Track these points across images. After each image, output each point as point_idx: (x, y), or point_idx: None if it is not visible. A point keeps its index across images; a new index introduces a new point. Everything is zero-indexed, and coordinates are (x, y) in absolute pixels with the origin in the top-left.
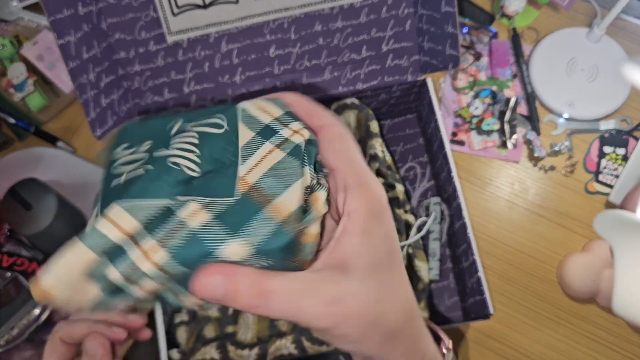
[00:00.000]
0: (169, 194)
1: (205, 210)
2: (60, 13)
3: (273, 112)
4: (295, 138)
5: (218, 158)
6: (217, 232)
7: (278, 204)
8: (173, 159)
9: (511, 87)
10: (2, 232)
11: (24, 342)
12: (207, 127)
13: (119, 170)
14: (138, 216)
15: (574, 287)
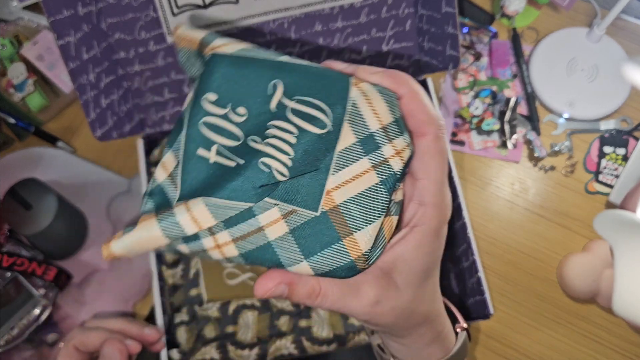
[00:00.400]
0: (255, 197)
1: (284, 221)
2: (60, 13)
3: (383, 116)
4: (395, 162)
5: (312, 161)
6: (291, 250)
7: (357, 240)
8: (266, 159)
9: (511, 87)
10: (2, 232)
11: (23, 342)
12: (309, 125)
13: (208, 135)
14: (220, 216)
15: (574, 287)
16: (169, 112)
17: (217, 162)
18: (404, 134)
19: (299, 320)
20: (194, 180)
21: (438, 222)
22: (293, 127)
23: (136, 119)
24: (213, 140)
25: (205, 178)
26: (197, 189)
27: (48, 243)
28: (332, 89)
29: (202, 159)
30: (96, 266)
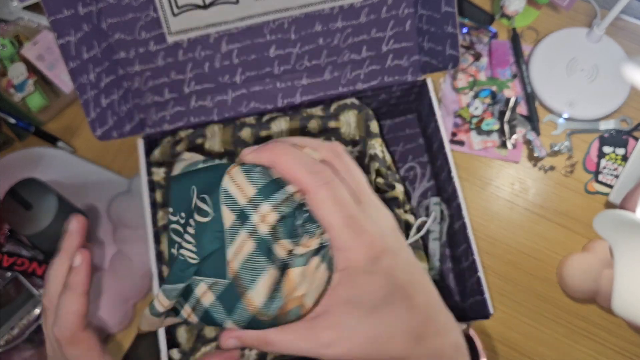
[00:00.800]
0: (184, 278)
1: (210, 290)
2: (60, 13)
3: (247, 191)
4: (262, 227)
5: (210, 244)
6: (220, 312)
7: (250, 298)
8: (182, 250)
9: (511, 87)
10: (2, 232)
11: (24, 342)
12: (199, 217)
13: (173, 237)
14: (170, 297)
15: (574, 287)
16: (169, 112)
17: (172, 256)
18: (270, 198)
19: None
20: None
21: (357, 257)
22: (193, 224)
23: (136, 118)
24: (175, 240)
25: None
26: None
27: (48, 243)
28: (216, 182)
29: (173, 255)
30: (96, 266)
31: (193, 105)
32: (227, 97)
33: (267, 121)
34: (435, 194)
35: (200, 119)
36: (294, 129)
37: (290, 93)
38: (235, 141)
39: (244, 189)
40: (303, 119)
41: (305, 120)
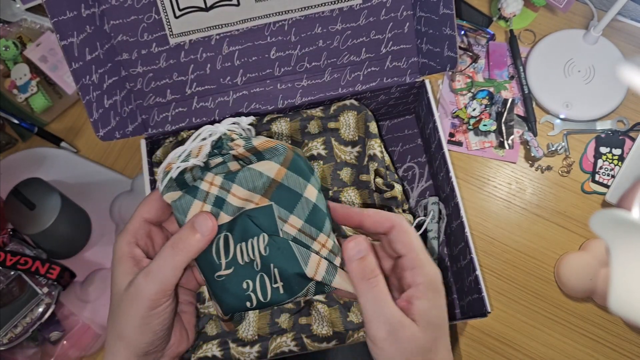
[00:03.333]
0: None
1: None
2: (63, 15)
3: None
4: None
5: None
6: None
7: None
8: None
9: (508, 89)
10: (5, 232)
11: (27, 340)
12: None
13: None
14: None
15: (572, 286)
16: (171, 113)
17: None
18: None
19: (299, 318)
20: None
21: (431, 278)
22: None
23: (139, 119)
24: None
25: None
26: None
27: (51, 242)
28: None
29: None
30: (99, 264)
31: (195, 106)
32: (229, 98)
33: (267, 122)
34: (433, 193)
35: (201, 120)
36: (294, 129)
37: (290, 94)
38: None
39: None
40: (303, 120)
41: (305, 121)
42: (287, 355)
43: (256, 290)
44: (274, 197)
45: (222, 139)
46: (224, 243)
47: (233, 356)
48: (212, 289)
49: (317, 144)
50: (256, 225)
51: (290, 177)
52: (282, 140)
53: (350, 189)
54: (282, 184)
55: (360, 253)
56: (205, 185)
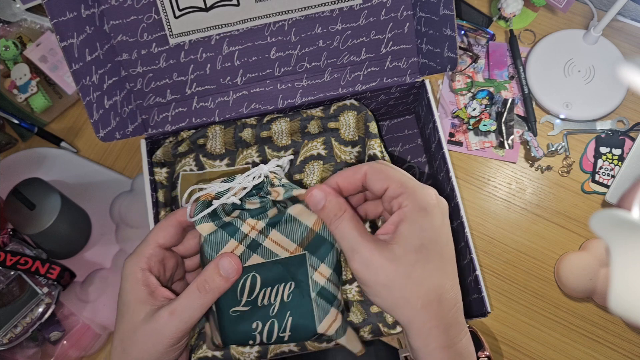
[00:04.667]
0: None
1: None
2: (63, 15)
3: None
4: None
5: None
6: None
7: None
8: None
9: (508, 89)
10: (5, 232)
11: (27, 340)
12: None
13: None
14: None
15: (572, 286)
16: (171, 113)
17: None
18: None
19: None
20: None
21: (415, 200)
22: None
23: (139, 119)
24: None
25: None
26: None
27: (51, 242)
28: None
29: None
30: (99, 265)
31: (195, 106)
32: (229, 98)
33: (267, 122)
34: None
35: (201, 120)
36: (294, 129)
37: (290, 94)
38: (237, 142)
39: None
40: (303, 120)
41: (305, 121)
42: (287, 355)
43: (263, 332)
44: (309, 246)
45: (264, 182)
46: (250, 283)
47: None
48: (221, 321)
49: (317, 144)
50: (287, 272)
51: (326, 228)
52: (283, 139)
53: None
54: (319, 234)
55: (318, 204)
56: (246, 228)
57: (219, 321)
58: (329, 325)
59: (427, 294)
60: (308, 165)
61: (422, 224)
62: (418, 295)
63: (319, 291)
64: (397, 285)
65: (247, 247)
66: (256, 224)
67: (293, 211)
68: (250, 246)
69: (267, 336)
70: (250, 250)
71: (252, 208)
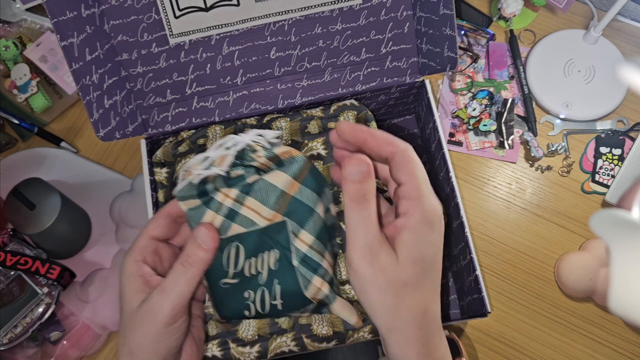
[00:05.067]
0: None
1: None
2: (63, 15)
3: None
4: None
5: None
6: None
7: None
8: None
9: (508, 89)
10: (5, 232)
11: (27, 340)
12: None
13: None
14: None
15: (572, 286)
16: (171, 113)
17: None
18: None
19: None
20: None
21: (424, 211)
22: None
23: (139, 119)
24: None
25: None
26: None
27: (51, 242)
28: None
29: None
30: (99, 265)
31: (195, 106)
32: (229, 98)
33: (267, 122)
34: None
35: (201, 120)
36: (294, 129)
37: (290, 94)
38: None
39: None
40: (303, 120)
41: (305, 120)
42: (287, 355)
43: (256, 301)
44: (287, 211)
45: (245, 150)
46: (235, 253)
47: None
48: (214, 294)
49: (317, 144)
50: (270, 240)
51: (304, 191)
52: (283, 141)
53: None
54: (295, 198)
55: (359, 175)
56: (220, 197)
57: (212, 296)
58: (314, 293)
59: (416, 305)
60: None
61: (425, 239)
62: (407, 305)
63: (301, 259)
64: (391, 291)
65: (226, 217)
66: (229, 192)
67: (268, 176)
68: (228, 216)
69: (260, 305)
70: (229, 219)
71: (233, 177)
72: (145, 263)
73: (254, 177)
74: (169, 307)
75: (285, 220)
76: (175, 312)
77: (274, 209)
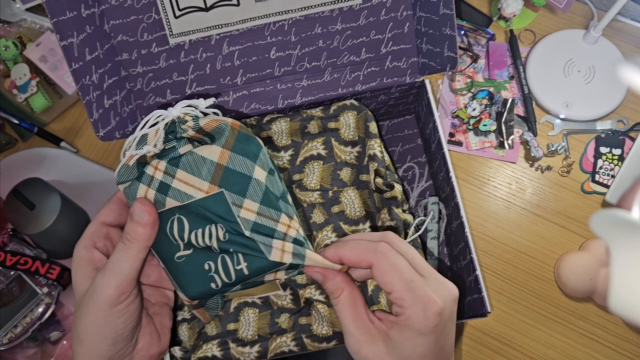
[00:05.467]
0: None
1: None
2: (63, 15)
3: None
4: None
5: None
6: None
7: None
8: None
9: (508, 89)
10: (5, 232)
11: (27, 340)
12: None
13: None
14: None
15: (572, 286)
16: None
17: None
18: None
19: (299, 318)
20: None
21: (412, 320)
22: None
23: (139, 119)
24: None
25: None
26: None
27: (51, 242)
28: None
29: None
30: None
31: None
32: (229, 98)
33: (267, 122)
34: (433, 193)
35: None
36: (294, 129)
37: (290, 94)
38: None
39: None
40: (303, 120)
41: (305, 121)
42: (287, 355)
43: (219, 271)
44: (222, 182)
45: (175, 122)
46: (177, 225)
47: (233, 356)
48: (174, 274)
49: (317, 144)
50: (211, 214)
51: (235, 159)
52: (283, 139)
53: (350, 189)
54: (228, 168)
55: (319, 280)
56: (150, 170)
57: (173, 277)
58: (280, 256)
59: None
60: (308, 166)
61: (410, 342)
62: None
63: (252, 228)
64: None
65: (157, 191)
66: (158, 164)
67: (197, 149)
68: (160, 189)
69: (225, 274)
70: (161, 193)
71: (166, 149)
72: (96, 248)
73: (187, 148)
74: (112, 286)
75: (223, 191)
76: (119, 292)
77: (207, 180)
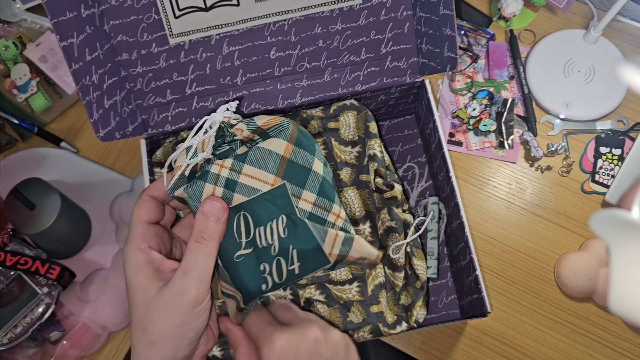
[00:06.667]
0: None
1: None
2: (63, 15)
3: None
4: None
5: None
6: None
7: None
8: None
9: (508, 89)
10: (5, 231)
11: (27, 340)
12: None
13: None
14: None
15: (571, 286)
16: (171, 113)
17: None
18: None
19: None
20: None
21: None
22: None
23: (139, 119)
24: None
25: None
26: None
27: (51, 242)
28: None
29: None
30: (99, 265)
31: (195, 106)
32: (228, 98)
33: None
34: (433, 193)
35: None
36: None
37: (290, 94)
38: None
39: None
40: (303, 120)
41: (305, 121)
42: None
43: (272, 273)
44: (285, 175)
45: (222, 127)
46: (244, 222)
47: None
48: (232, 273)
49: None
50: (274, 206)
51: (298, 152)
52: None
53: (350, 189)
54: (291, 161)
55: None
56: (216, 169)
57: (231, 278)
58: (332, 243)
59: None
60: None
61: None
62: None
63: (308, 217)
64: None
65: (225, 187)
66: (224, 162)
67: (262, 144)
68: (227, 185)
69: (277, 275)
70: (228, 190)
71: (223, 152)
72: (151, 249)
73: (243, 149)
74: (195, 287)
75: (285, 183)
76: (201, 292)
77: (273, 173)
